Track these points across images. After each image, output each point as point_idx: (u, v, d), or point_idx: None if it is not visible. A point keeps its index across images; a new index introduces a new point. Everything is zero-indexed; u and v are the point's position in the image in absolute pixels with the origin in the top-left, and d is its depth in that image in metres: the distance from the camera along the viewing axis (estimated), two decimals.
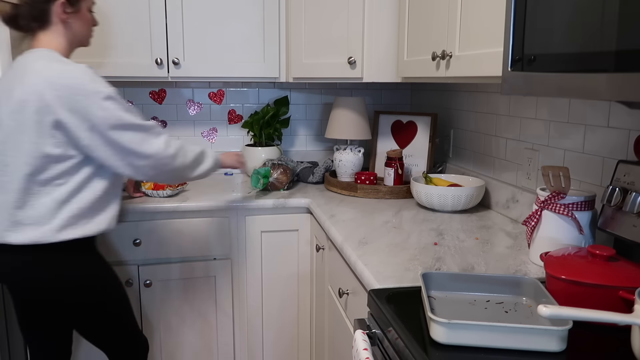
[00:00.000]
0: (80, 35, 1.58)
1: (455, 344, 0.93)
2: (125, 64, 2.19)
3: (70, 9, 1.51)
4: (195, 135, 2.65)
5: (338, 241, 1.61)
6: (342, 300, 1.65)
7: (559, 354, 0.91)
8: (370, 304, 1.19)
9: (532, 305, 1.08)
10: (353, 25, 2.07)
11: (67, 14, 1.51)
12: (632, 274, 1.03)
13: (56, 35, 1.52)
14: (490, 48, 1.35)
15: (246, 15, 2.28)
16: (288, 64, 2.32)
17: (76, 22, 1.55)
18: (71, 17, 1.52)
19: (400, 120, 2.39)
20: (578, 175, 1.52)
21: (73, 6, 1.52)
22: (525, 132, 1.78)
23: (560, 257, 1.13)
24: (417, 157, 2.31)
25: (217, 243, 2.11)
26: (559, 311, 0.84)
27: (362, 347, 1.07)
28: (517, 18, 1.07)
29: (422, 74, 1.78)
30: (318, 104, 2.75)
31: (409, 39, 1.91)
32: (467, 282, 1.14)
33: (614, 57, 0.83)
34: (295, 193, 2.24)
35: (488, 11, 1.37)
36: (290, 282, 2.20)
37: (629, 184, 1.18)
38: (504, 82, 1.11)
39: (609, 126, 1.40)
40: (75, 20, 1.54)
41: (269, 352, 2.25)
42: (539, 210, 1.34)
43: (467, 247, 1.52)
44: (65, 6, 1.50)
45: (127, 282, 2.05)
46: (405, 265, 1.36)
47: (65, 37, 1.54)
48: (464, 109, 2.21)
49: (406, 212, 1.93)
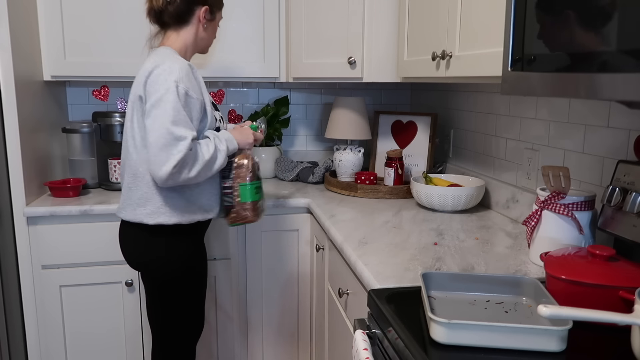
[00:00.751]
0: (205, 41, 1.73)
1: (455, 344, 0.93)
2: (126, 64, 2.19)
3: (210, 17, 1.68)
4: None
5: (338, 241, 1.61)
6: (342, 300, 1.65)
7: (559, 354, 0.91)
8: (370, 304, 1.19)
9: (532, 305, 1.08)
10: (353, 25, 2.07)
11: (206, 20, 1.67)
12: (632, 274, 1.03)
13: (186, 36, 1.66)
14: (490, 48, 1.35)
15: (246, 15, 2.28)
16: (288, 64, 2.32)
17: (208, 29, 1.71)
18: (207, 23, 1.68)
19: (400, 120, 2.39)
20: (578, 175, 1.52)
21: (212, 14, 1.69)
22: (525, 132, 1.78)
23: (560, 257, 1.13)
24: (417, 157, 2.31)
25: (217, 243, 2.11)
26: (559, 311, 0.84)
27: (362, 347, 1.07)
28: (517, 18, 1.07)
29: (422, 74, 1.78)
30: (318, 104, 2.75)
31: (408, 39, 1.91)
32: (467, 282, 1.14)
33: (614, 57, 0.83)
34: (295, 193, 2.24)
35: (488, 11, 1.37)
36: (290, 282, 2.20)
37: (629, 184, 1.18)
38: (504, 82, 1.11)
39: (609, 126, 1.40)
40: (208, 27, 1.70)
41: (269, 352, 2.25)
42: (539, 210, 1.34)
43: (467, 247, 1.52)
44: (207, 13, 1.66)
45: (127, 282, 2.06)
46: (405, 265, 1.36)
47: (193, 40, 1.69)
48: (464, 109, 2.21)
49: (406, 212, 1.93)
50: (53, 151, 2.31)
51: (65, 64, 2.16)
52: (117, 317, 2.10)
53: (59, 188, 2.14)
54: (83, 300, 2.07)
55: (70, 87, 2.48)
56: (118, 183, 2.27)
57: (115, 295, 2.08)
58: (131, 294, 2.08)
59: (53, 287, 2.04)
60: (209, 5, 1.66)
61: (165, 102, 1.48)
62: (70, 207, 1.99)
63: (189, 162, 1.50)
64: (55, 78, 2.18)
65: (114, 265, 2.05)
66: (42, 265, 2.02)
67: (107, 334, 2.10)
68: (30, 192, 2.04)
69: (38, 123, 2.12)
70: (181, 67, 1.52)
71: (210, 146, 1.56)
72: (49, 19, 2.11)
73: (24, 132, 1.98)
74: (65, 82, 2.45)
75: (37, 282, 2.03)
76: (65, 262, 2.03)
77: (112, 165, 2.27)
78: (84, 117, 2.51)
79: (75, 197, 2.14)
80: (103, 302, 2.08)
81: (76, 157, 2.29)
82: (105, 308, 2.09)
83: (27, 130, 2.02)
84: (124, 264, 2.05)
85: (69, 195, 2.14)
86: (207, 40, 1.73)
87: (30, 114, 2.05)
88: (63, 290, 2.05)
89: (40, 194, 2.15)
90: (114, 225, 2.02)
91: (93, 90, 2.50)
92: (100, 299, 2.08)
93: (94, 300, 2.07)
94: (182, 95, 1.49)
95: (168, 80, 1.49)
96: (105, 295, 2.08)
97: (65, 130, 2.27)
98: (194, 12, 1.64)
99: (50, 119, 2.28)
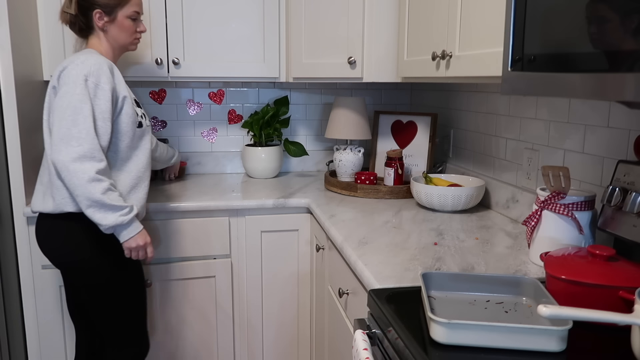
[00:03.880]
0: (122, 39, 1.75)
1: (455, 344, 0.93)
2: (125, 64, 2.19)
3: (107, 18, 1.71)
4: (196, 135, 2.65)
5: (338, 241, 1.61)
6: (342, 300, 1.65)
7: (559, 354, 0.91)
8: (370, 304, 1.19)
9: (532, 305, 1.08)
10: (353, 25, 2.07)
11: (104, 23, 1.71)
12: (632, 274, 1.03)
13: (100, 40, 1.74)
14: (490, 48, 1.35)
15: (246, 15, 2.28)
16: (288, 64, 2.32)
17: (113, 29, 1.73)
18: (107, 25, 1.72)
19: (400, 120, 2.39)
20: (578, 175, 1.52)
21: (108, 15, 1.71)
22: (525, 132, 1.78)
23: (560, 257, 1.13)
24: (417, 157, 2.31)
25: (217, 243, 2.11)
26: (559, 311, 0.84)
27: (362, 347, 1.07)
28: (517, 18, 1.07)
29: (422, 74, 1.78)
30: (318, 104, 2.75)
31: (408, 39, 1.91)
32: (467, 282, 1.14)
33: (614, 57, 0.83)
34: (295, 193, 2.24)
35: (488, 11, 1.37)
36: (290, 282, 2.20)
37: (629, 184, 1.18)
38: (504, 82, 1.11)
39: (609, 126, 1.40)
40: (112, 28, 1.72)
41: (269, 352, 2.25)
42: (539, 210, 1.34)
43: (467, 247, 1.52)
44: (101, 15, 1.70)
45: None
46: (405, 265, 1.36)
47: (106, 41, 1.74)
48: (464, 109, 2.21)
49: (406, 212, 1.93)
50: None
51: None
52: None
53: None
54: None
55: None
56: None
57: None
58: None
59: (53, 287, 2.04)
60: (99, 9, 1.69)
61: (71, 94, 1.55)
62: None
63: None
64: None
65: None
66: (42, 265, 2.02)
67: None
68: (30, 192, 2.04)
69: (38, 123, 2.12)
70: (96, 62, 1.59)
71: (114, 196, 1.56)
72: (49, 19, 2.11)
73: (24, 132, 1.98)
74: None
75: (37, 282, 2.03)
76: None
77: None
78: None
79: None
80: None
81: None
82: None
83: (27, 130, 2.02)
84: None
85: None
86: (124, 38, 1.76)
87: (30, 114, 2.05)
88: (63, 290, 2.04)
89: None
90: None
91: None
92: None
93: None
94: (91, 87, 1.57)
95: (79, 74, 1.56)
96: None
97: None
98: (91, 19, 1.70)
99: None
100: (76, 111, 1.53)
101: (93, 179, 1.51)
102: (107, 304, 1.69)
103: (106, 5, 1.69)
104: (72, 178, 1.51)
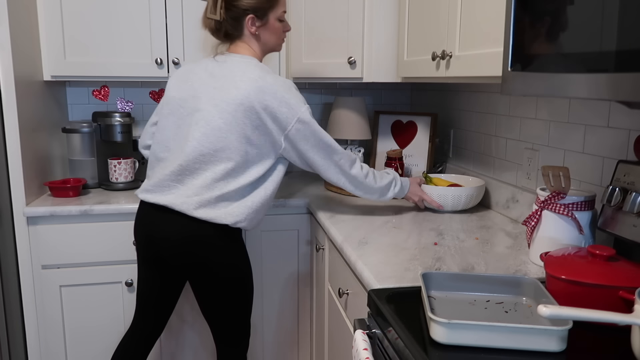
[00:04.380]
0: (272, 42, 1.74)
1: (455, 344, 0.93)
2: (125, 64, 2.19)
3: (259, 22, 1.68)
4: None
5: (338, 241, 1.61)
6: (342, 300, 1.65)
7: (559, 354, 0.91)
8: (370, 304, 1.19)
9: (532, 305, 1.08)
10: (353, 25, 2.07)
11: (256, 27, 1.68)
12: (632, 274, 1.03)
13: (250, 44, 1.70)
14: (490, 48, 1.35)
15: None
16: (288, 63, 2.32)
17: (265, 33, 1.71)
18: (260, 29, 1.69)
19: (400, 120, 2.39)
20: (578, 175, 1.52)
21: (261, 19, 1.68)
22: (525, 132, 1.78)
23: (560, 257, 1.13)
24: (417, 157, 2.31)
25: None
26: (559, 311, 0.84)
27: (362, 347, 1.07)
28: (517, 18, 1.07)
29: (422, 74, 1.78)
30: (318, 104, 2.75)
31: (408, 39, 1.91)
32: (467, 282, 1.14)
33: (614, 57, 0.83)
34: (295, 193, 2.24)
35: (488, 11, 1.37)
36: (290, 282, 2.20)
37: (629, 184, 1.18)
38: (504, 82, 1.11)
39: (609, 126, 1.40)
40: (263, 32, 1.70)
41: (269, 352, 2.25)
42: (539, 210, 1.34)
43: (467, 247, 1.52)
44: (254, 20, 1.67)
45: (127, 282, 2.06)
46: (405, 265, 1.36)
47: (258, 46, 1.72)
48: (464, 109, 2.21)
49: (406, 212, 1.93)
50: (53, 151, 2.31)
51: (65, 64, 2.15)
52: (117, 317, 2.10)
53: (59, 188, 2.13)
54: (83, 300, 2.07)
55: (70, 87, 2.48)
56: (118, 183, 2.27)
57: (115, 295, 2.08)
58: (131, 293, 2.08)
59: (53, 287, 2.04)
60: (252, 13, 1.65)
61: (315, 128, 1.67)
62: (70, 207, 1.99)
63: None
64: (55, 78, 2.18)
65: (114, 265, 2.05)
66: (42, 265, 2.02)
67: (107, 334, 2.10)
68: (30, 192, 2.04)
69: (38, 123, 2.12)
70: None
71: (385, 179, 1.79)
72: (49, 19, 2.11)
73: (24, 132, 1.98)
74: (65, 82, 2.45)
75: (37, 282, 2.03)
76: (65, 262, 2.03)
77: (112, 165, 2.27)
78: (84, 117, 2.51)
79: (75, 197, 2.14)
80: (103, 302, 2.08)
81: (76, 157, 2.29)
82: (105, 308, 2.09)
83: (27, 130, 2.02)
84: (124, 264, 2.06)
85: (69, 195, 2.14)
86: (274, 41, 1.74)
87: (30, 114, 2.05)
88: (63, 290, 2.05)
89: (40, 194, 2.16)
90: (114, 225, 2.03)
91: (93, 90, 2.51)
92: (100, 298, 2.08)
93: (94, 300, 2.07)
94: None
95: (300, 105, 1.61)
96: (105, 295, 2.08)
97: (65, 130, 2.27)
98: (243, 25, 1.67)
99: (50, 119, 2.28)
100: None
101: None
102: (241, 299, 1.70)
103: (258, 9, 1.66)
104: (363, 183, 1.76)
